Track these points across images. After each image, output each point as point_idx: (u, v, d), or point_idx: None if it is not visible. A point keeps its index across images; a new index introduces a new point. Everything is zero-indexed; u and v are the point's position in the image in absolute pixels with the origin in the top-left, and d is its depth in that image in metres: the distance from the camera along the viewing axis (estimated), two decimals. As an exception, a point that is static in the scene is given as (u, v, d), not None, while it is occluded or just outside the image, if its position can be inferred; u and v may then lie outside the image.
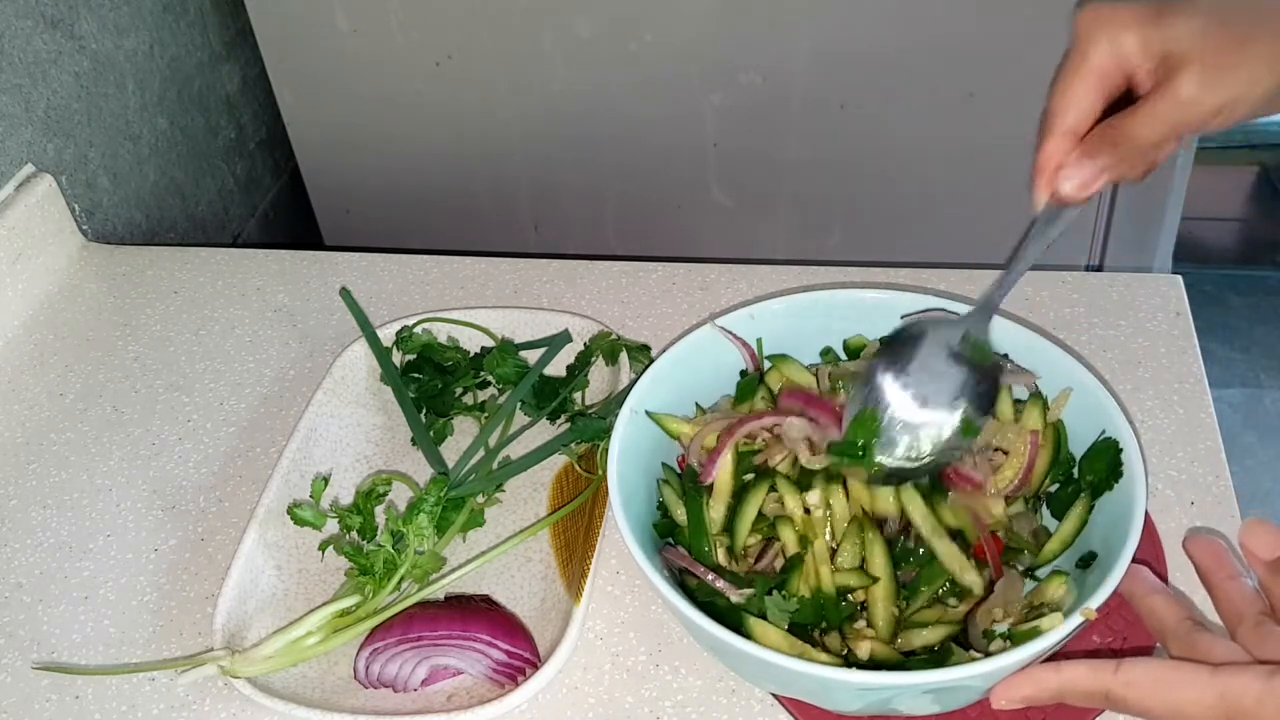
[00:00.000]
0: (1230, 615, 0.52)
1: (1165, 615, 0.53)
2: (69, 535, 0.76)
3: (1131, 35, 0.54)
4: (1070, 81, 0.56)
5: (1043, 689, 0.51)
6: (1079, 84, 0.56)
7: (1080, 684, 0.49)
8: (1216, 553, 0.54)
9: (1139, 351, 0.82)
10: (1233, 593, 0.53)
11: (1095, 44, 0.56)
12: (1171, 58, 0.53)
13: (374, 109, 1.25)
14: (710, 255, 1.11)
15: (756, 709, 0.62)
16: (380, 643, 0.63)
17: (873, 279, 0.88)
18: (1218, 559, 0.54)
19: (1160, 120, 0.54)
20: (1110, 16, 0.55)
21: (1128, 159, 0.56)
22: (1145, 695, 0.48)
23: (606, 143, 1.23)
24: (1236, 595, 0.52)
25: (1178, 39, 0.53)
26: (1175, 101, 0.53)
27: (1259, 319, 2.12)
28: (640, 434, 0.66)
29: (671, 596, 0.56)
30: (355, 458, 0.79)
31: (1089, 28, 0.56)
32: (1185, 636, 0.51)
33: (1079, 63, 0.56)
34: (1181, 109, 0.53)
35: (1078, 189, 0.57)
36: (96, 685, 0.66)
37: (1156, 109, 0.54)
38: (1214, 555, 0.54)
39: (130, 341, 0.92)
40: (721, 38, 1.13)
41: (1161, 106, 0.54)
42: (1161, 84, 0.54)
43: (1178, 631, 0.52)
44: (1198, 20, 0.53)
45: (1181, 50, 0.53)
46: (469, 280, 0.94)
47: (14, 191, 0.97)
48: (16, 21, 0.97)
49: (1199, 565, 0.55)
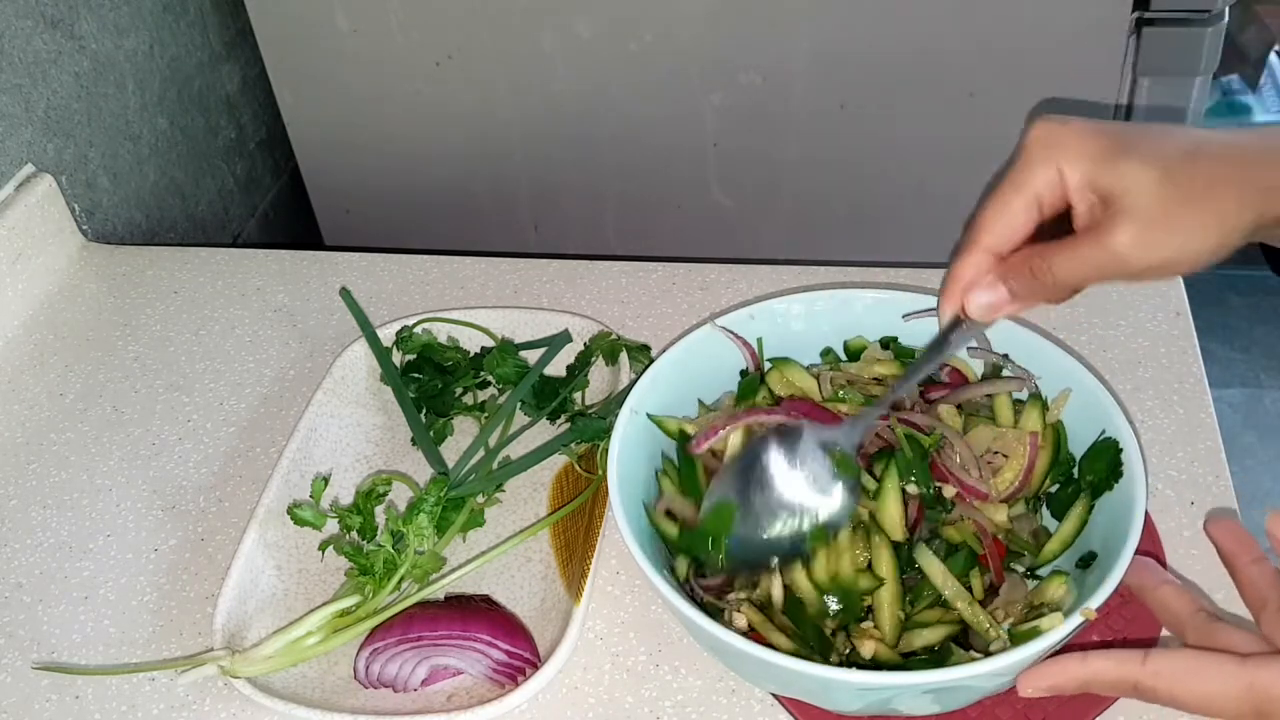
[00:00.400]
0: (1254, 600, 0.52)
1: (1178, 607, 0.52)
2: (69, 535, 0.76)
3: (1080, 168, 0.53)
4: (1006, 199, 0.55)
5: (1069, 678, 0.50)
6: (1014, 204, 0.54)
7: (1107, 675, 0.49)
8: (1239, 536, 0.54)
9: (1139, 351, 0.82)
10: (1257, 577, 0.52)
11: (1041, 168, 0.54)
12: (1113, 203, 0.52)
13: (374, 109, 1.25)
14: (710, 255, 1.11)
15: (756, 709, 0.62)
16: (380, 643, 0.63)
17: (873, 279, 0.88)
18: (1240, 542, 0.53)
19: (1087, 265, 0.53)
20: (1063, 141, 0.53)
21: (1045, 291, 0.55)
22: (1173, 685, 0.48)
23: (606, 143, 1.23)
24: (1261, 579, 0.52)
25: (1125, 187, 0.51)
26: (1106, 251, 0.52)
27: (1259, 319, 2.12)
28: (640, 434, 0.66)
29: (671, 596, 0.56)
30: (355, 458, 0.79)
31: (1039, 148, 0.54)
32: (1202, 627, 0.51)
33: (1019, 182, 0.54)
34: (1111, 260, 0.52)
35: (986, 312, 0.56)
36: (96, 685, 0.66)
37: (1085, 254, 0.53)
38: (1236, 538, 0.54)
39: (130, 341, 0.92)
40: (721, 38, 1.13)
41: (1091, 252, 0.52)
42: (1097, 228, 0.52)
43: (1193, 622, 0.51)
44: (1151, 171, 0.51)
45: (1126, 200, 0.51)
46: (469, 280, 0.94)
47: (14, 191, 0.97)
48: (16, 21, 0.97)
49: (1221, 548, 0.54)
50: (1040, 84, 1.10)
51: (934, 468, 0.64)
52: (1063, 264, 0.53)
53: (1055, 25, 1.08)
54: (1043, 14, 1.07)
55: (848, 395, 0.68)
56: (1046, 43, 1.09)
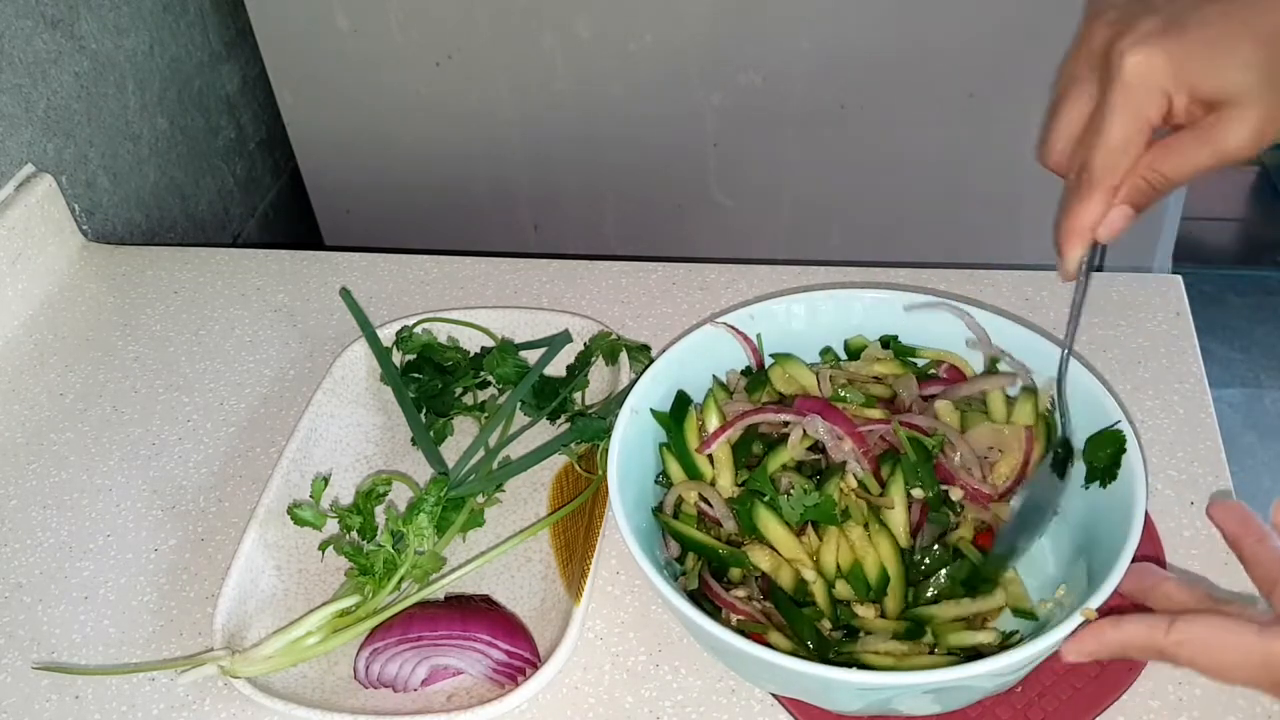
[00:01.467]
0: (1263, 579, 0.52)
1: (1185, 600, 0.52)
2: (69, 535, 0.76)
3: (1185, 87, 0.52)
4: (1131, 141, 0.54)
5: (1105, 644, 0.51)
6: (1135, 140, 0.54)
7: (1136, 640, 0.50)
8: (1243, 517, 0.53)
9: (1139, 351, 0.82)
10: (1263, 556, 0.52)
11: (1152, 94, 0.53)
12: (1220, 106, 0.52)
13: (374, 109, 1.25)
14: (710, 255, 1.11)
15: (756, 709, 0.62)
16: (380, 643, 0.63)
17: (873, 279, 0.88)
18: (1245, 523, 0.53)
19: (1201, 163, 0.53)
20: (1162, 68, 0.52)
21: (1160, 194, 0.55)
22: (1195, 654, 0.48)
23: (606, 143, 1.23)
24: (1267, 558, 0.52)
25: (1230, 92, 0.52)
26: (1220, 149, 0.52)
27: (1259, 319, 2.12)
28: (640, 434, 0.66)
29: (671, 596, 0.56)
30: (355, 458, 0.79)
31: (1146, 71, 0.52)
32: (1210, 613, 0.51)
33: (1132, 114, 0.53)
34: (1224, 156, 0.52)
35: (1115, 233, 0.56)
36: (96, 685, 0.66)
37: (1197, 154, 0.53)
38: (1240, 519, 0.53)
39: (130, 341, 0.92)
40: (721, 38, 1.13)
41: (1203, 152, 0.53)
42: (1207, 129, 0.52)
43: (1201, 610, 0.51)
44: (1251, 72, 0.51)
45: (1233, 104, 0.52)
46: (469, 280, 0.94)
47: (14, 191, 0.97)
48: (16, 21, 0.97)
49: (1226, 531, 0.54)
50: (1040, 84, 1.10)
51: (938, 468, 0.64)
52: (1177, 168, 0.54)
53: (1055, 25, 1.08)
54: (1043, 14, 1.07)
55: (848, 394, 0.68)
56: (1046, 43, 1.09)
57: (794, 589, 0.62)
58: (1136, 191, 0.55)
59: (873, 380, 0.69)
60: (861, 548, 0.62)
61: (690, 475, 0.66)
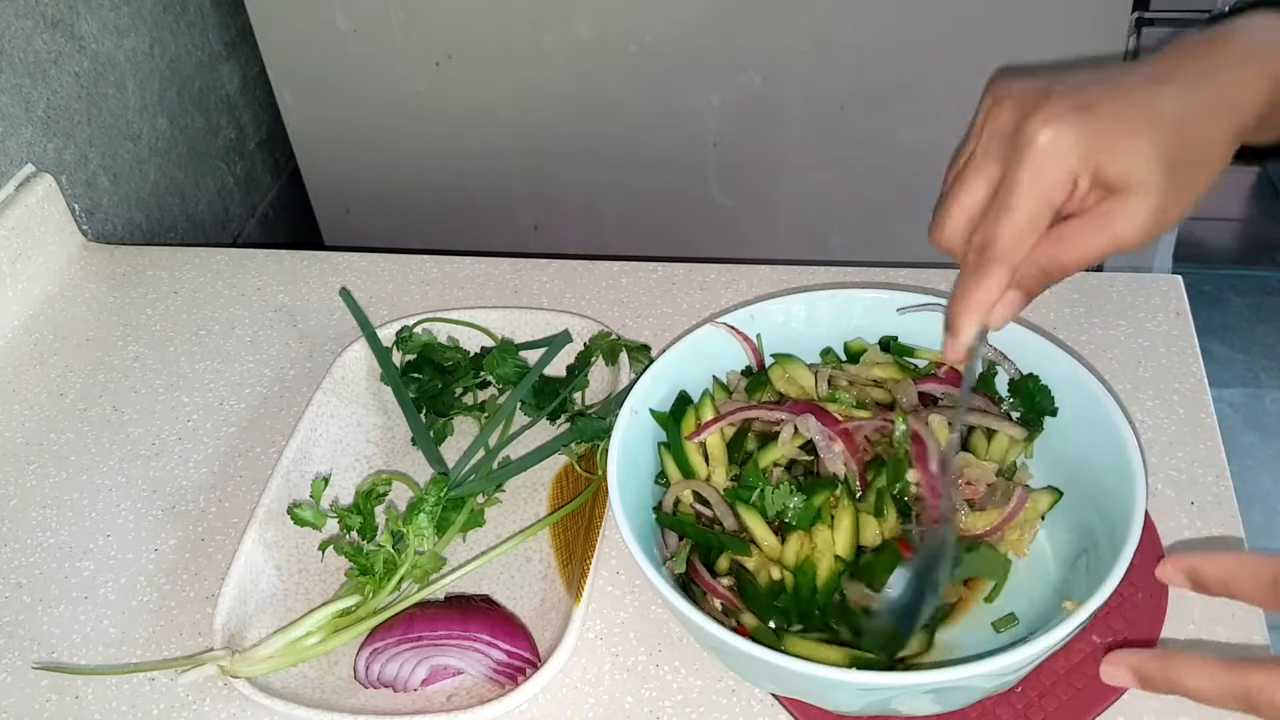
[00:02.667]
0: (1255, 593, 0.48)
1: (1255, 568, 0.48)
2: (69, 535, 0.76)
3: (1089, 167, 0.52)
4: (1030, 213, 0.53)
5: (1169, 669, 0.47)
6: (1040, 219, 0.53)
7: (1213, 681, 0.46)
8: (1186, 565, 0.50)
9: (1139, 351, 0.82)
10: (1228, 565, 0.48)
11: (1061, 172, 0.52)
12: (1117, 192, 0.52)
13: (374, 109, 1.25)
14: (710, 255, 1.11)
15: (756, 709, 0.62)
16: (380, 643, 0.63)
17: (873, 279, 0.88)
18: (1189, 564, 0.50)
19: (1095, 252, 0.53)
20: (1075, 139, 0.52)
21: (1053, 281, 0.55)
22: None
23: (606, 143, 1.23)
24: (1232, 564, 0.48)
25: (1129, 179, 0.52)
26: (1115, 237, 0.52)
27: (1259, 319, 2.12)
28: (640, 434, 0.66)
29: (671, 596, 0.56)
30: (355, 458, 0.79)
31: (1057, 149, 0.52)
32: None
33: (1039, 193, 0.52)
34: (1119, 244, 0.52)
35: (1008, 319, 0.56)
36: (96, 685, 0.66)
37: (1093, 243, 0.53)
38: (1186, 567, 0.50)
39: (130, 341, 0.92)
40: (721, 38, 1.13)
41: (1099, 240, 0.53)
42: (1100, 216, 0.52)
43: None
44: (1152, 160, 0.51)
45: (1130, 191, 0.52)
46: (469, 280, 0.94)
47: (14, 191, 0.97)
48: (16, 21, 0.97)
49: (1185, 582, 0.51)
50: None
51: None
52: (1073, 254, 0.53)
53: (1055, 25, 1.08)
54: (1043, 14, 1.07)
55: (841, 397, 0.68)
56: (1046, 43, 1.09)
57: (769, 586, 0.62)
58: (1029, 278, 0.55)
59: (872, 384, 0.69)
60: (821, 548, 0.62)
61: (685, 474, 0.67)
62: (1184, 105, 0.53)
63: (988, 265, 0.54)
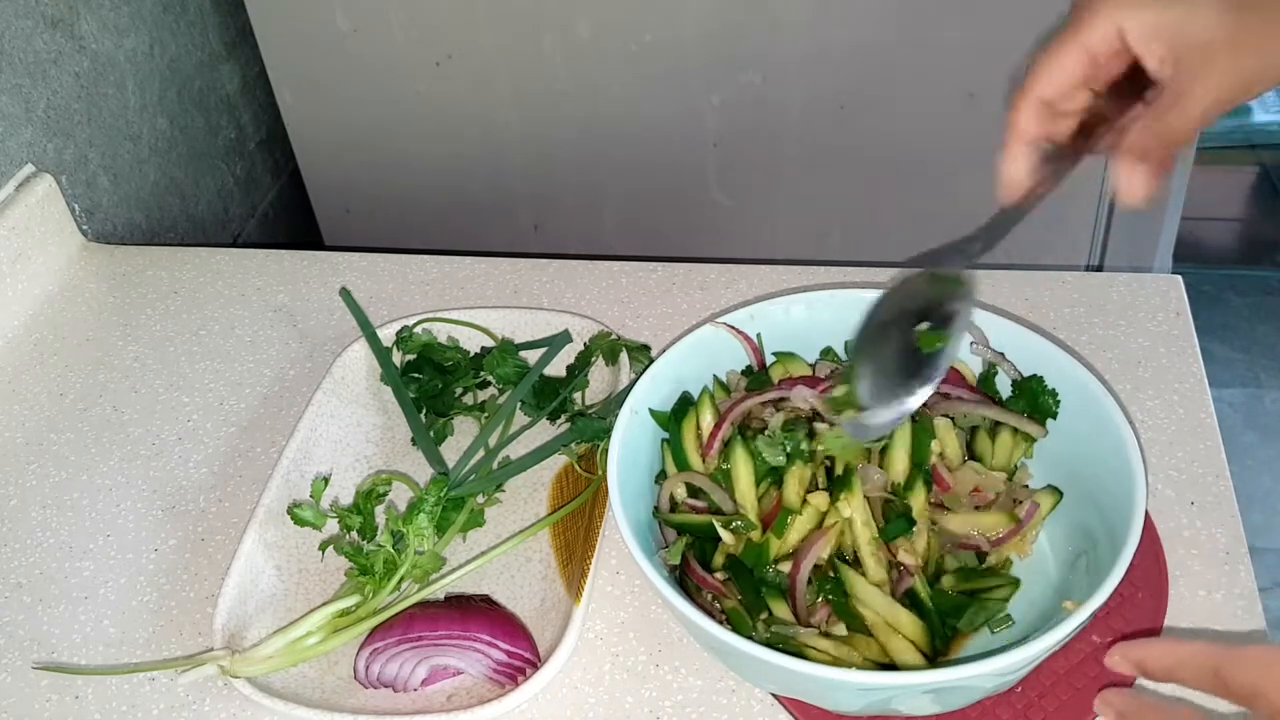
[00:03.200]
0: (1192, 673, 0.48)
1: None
2: (69, 535, 0.76)
3: (1140, 18, 0.53)
4: (1059, 53, 0.55)
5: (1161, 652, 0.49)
6: (1066, 56, 0.55)
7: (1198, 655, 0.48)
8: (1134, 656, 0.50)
9: (1139, 351, 0.82)
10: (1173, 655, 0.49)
11: (1095, 23, 0.54)
12: (1192, 48, 0.52)
13: (374, 109, 1.25)
14: (710, 255, 1.11)
15: (756, 709, 0.62)
16: (380, 643, 0.63)
17: (873, 279, 0.88)
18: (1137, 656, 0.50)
19: (1197, 115, 0.53)
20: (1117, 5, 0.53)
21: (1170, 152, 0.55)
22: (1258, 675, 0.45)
23: (606, 143, 1.23)
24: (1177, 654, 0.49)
25: (1196, 27, 0.51)
26: (1195, 115, 0.52)
27: (1259, 319, 2.12)
28: (640, 434, 0.66)
29: (671, 596, 0.56)
30: (355, 458, 0.79)
31: (1094, 6, 0.54)
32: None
33: (1074, 37, 0.55)
34: (1205, 117, 0.52)
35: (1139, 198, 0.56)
36: (96, 685, 0.66)
37: (1189, 106, 0.53)
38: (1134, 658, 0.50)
39: (130, 341, 0.92)
40: (721, 38, 1.13)
41: (1192, 104, 0.52)
42: (1177, 95, 0.52)
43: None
44: (1210, 14, 0.51)
45: (1203, 40, 0.51)
46: (469, 280, 0.94)
47: (14, 191, 0.97)
48: (16, 21, 0.97)
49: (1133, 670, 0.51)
50: (1040, 84, 1.10)
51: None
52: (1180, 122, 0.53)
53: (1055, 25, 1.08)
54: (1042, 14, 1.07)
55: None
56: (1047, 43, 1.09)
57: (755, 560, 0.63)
58: (1150, 149, 0.55)
59: None
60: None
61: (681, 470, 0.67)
62: None
63: (1015, 96, 0.58)
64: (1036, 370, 0.67)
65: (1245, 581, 0.66)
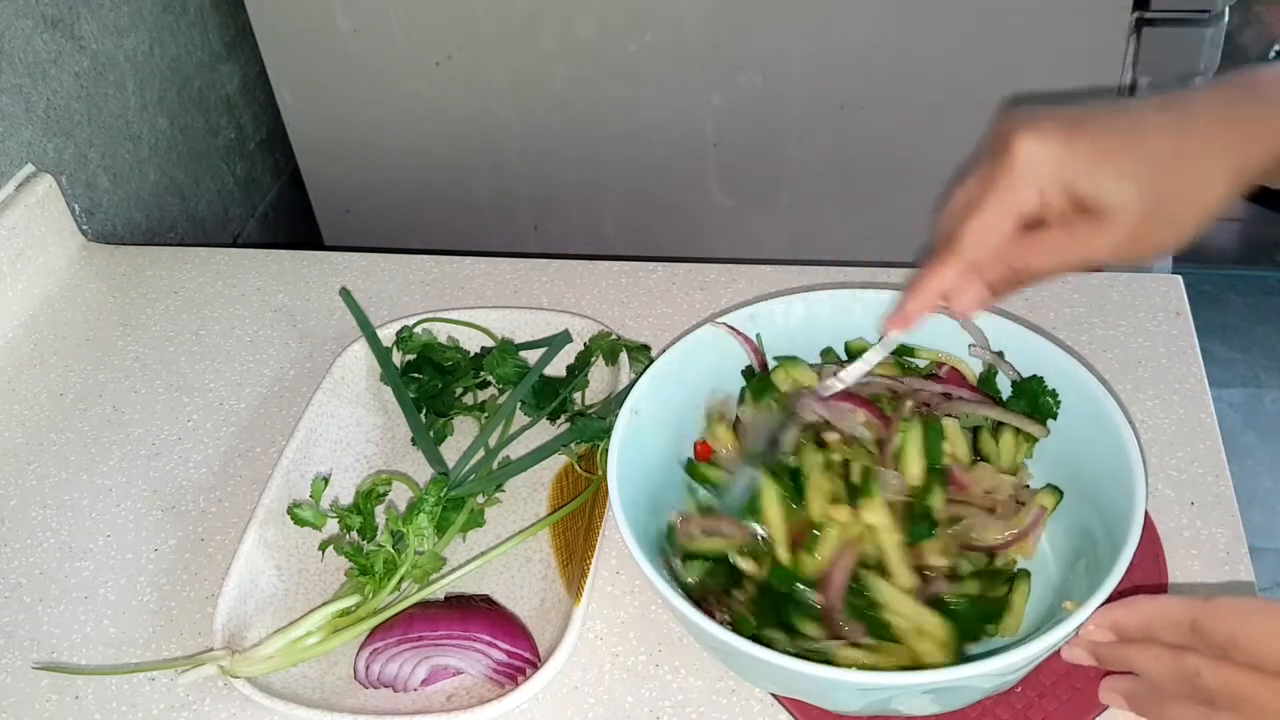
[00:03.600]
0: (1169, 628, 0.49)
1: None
2: (69, 535, 0.76)
3: (1062, 180, 0.54)
4: (994, 219, 0.56)
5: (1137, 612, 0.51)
6: (1003, 224, 0.56)
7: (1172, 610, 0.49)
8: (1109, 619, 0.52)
9: (1139, 351, 0.82)
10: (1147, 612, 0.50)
11: (1027, 188, 0.55)
12: (1096, 213, 0.54)
13: (374, 109, 1.25)
14: (710, 255, 1.11)
15: (756, 709, 0.62)
16: (380, 643, 0.63)
17: (873, 279, 0.88)
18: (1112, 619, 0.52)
19: (1066, 260, 0.55)
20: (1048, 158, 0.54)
21: (1021, 285, 0.58)
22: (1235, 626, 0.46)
23: (606, 143, 1.23)
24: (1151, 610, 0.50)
25: (1108, 202, 0.53)
26: (1087, 250, 0.54)
27: (1259, 319, 2.12)
28: (640, 434, 0.66)
29: (671, 596, 0.56)
30: (355, 458, 0.79)
31: (1026, 168, 0.54)
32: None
33: (1007, 202, 0.55)
34: (1088, 257, 0.55)
35: (969, 309, 0.58)
36: (96, 685, 0.66)
37: (1066, 252, 0.55)
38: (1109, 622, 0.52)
39: (130, 341, 0.92)
40: (721, 38, 1.13)
41: (1071, 250, 0.55)
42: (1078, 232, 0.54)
43: None
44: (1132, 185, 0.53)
45: (1108, 212, 0.54)
46: (469, 280, 0.94)
47: (14, 191, 0.97)
48: (16, 21, 0.97)
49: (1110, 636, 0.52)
50: (1040, 84, 1.10)
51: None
52: (1043, 262, 0.56)
53: (1055, 25, 1.08)
54: (1042, 14, 1.07)
55: None
56: (1046, 43, 1.09)
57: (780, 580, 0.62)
58: (999, 278, 0.57)
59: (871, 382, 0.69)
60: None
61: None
62: (1182, 137, 0.54)
63: (947, 255, 0.57)
64: (1036, 370, 0.67)
65: (1245, 581, 0.66)
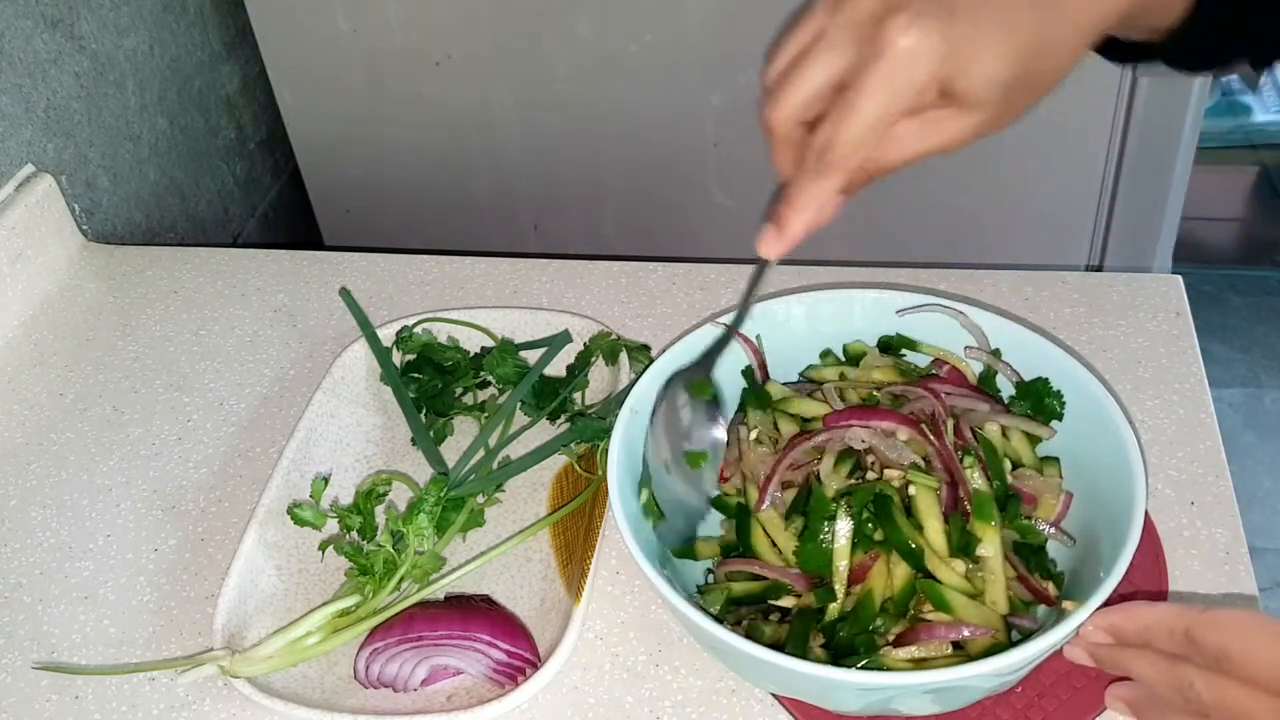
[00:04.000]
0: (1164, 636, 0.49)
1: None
2: (69, 535, 0.76)
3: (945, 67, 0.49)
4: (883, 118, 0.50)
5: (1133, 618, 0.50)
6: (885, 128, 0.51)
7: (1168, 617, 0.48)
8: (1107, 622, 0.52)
9: (1139, 351, 0.82)
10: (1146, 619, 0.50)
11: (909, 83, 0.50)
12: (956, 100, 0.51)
13: (374, 109, 1.25)
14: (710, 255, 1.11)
15: (756, 709, 0.62)
16: (380, 643, 0.63)
17: (873, 279, 0.88)
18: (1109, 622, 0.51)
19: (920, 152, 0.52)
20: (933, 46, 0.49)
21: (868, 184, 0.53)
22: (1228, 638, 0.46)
23: (606, 143, 1.23)
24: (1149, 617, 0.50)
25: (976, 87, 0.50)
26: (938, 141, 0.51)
27: (1259, 319, 2.12)
28: (640, 434, 0.66)
29: (671, 596, 0.56)
30: (355, 458, 0.79)
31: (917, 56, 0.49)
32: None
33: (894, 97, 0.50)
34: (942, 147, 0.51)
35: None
36: (96, 685, 0.66)
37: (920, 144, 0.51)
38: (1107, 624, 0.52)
39: (130, 341, 0.92)
40: (721, 38, 1.13)
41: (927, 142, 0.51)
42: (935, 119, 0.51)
43: None
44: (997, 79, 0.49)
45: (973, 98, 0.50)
46: (469, 280, 0.94)
47: (14, 191, 0.97)
48: (16, 21, 0.97)
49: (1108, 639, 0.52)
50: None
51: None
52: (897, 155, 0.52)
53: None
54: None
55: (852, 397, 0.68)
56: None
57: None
58: (854, 180, 0.53)
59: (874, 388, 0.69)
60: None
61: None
62: (1039, 12, 0.50)
63: (826, 168, 0.52)
64: (1036, 370, 0.67)
65: (1245, 581, 0.66)
